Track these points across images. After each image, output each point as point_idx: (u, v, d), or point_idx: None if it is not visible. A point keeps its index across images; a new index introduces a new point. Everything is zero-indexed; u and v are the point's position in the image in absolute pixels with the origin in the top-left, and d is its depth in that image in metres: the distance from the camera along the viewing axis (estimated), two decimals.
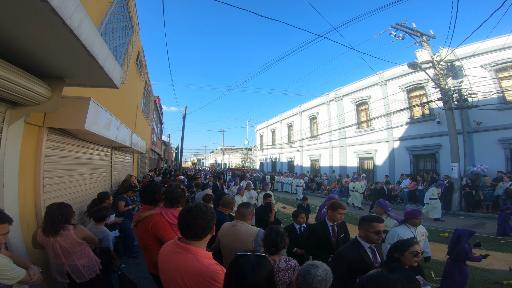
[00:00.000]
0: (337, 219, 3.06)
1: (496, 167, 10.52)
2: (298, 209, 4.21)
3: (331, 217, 3.10)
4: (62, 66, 2.31)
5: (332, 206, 3.10)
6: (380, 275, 1.11)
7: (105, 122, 4.01)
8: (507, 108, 10.90)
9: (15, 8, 1.43)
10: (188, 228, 1.52)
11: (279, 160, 28.93)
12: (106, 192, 4.33)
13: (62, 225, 2.58)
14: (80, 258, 2.70)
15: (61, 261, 2.63)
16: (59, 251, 2.59)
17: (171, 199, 2.38)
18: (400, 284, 1.05)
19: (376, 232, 2.25)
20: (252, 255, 1.35)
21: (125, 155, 8.20)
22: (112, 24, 3.85)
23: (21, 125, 2.79)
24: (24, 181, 2.89)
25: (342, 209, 3.05)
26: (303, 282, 1.49)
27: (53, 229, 2.54)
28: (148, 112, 13.58)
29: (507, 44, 10.57)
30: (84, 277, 2.69)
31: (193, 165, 58.81)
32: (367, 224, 2.31)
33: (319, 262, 1.60)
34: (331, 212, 3.08)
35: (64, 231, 2.58)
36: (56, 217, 2.56)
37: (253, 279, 1.25)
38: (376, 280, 1.10)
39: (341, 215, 3.06)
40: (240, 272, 1.27)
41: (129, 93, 7.93)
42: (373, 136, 17.05)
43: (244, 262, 1.30)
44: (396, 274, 1.09)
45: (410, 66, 11.61)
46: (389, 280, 1.07)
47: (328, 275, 1.53)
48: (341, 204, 3.12)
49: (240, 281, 1.25)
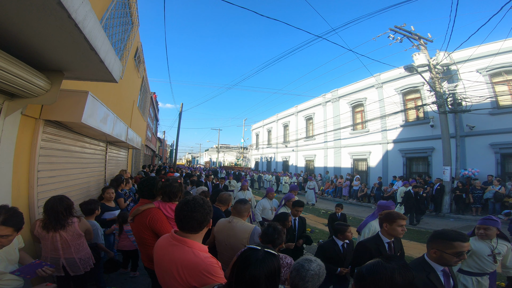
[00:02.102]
0: (397, 234, 2.50)
1: (487, 171, 10.72)
2: (342, 223, 3.45)
3: (388, 231, 2.52)
4: (63, 59, 2.30)
5: (388, 218, 2.53)
6: (378, 264, 1.16)
7: (102, 116, 3.99)
8: (499, 113, 11.11)
9: (22, 1, 1.43)
10: (185, 220, 1.53)
11: (274, 159, 29.00)
12: None
13: (67, 218, 2.60)
14: (78, 251, 2.70)
15: (58, 254, 2.61)
16: (58, 243, 2.57)
17: (169, 193, 2.39)
18: (397, 272, 1.11)
19: (458, 254, 1.77)
20: (261, 250, 1.34)
21: (120, 150, 8.15)
22: (113, 20, 3.83)
23: (17, 116, 2.77)
24: (18, 173, 2.87)
25: (402, 219, 2.49)
26: (297, 275, 1.52)
27: (59, 224, 2.54)
28: (144, 108, 13.50)
29: (503, 49, 10.76)
30: (79, 270, 2.68)
31: (187, 163, 58.56)
32: (445, 243, 1.81)
33: (313, 257, 1.64)
34: (388, 225, 2.50)
35: (68, 225, 2.59)
36: (60, 211, 2.56)
37: (254, 272, 1.24)
38: (374, 269, 1.15)
39: (402, 227, 2.48)
40: (244, 263, 1.28)
41: (126, 89, 7.89)
42: (368, 138, 17.21)
43: (250, 255, 1.31)
44: (393, 263, 1.15)
45: (406, 69, 11.74)
46: (387, 268, 1.12)
47: (321, 270, 1.56)
48: (399, 214, 2.57)
49: (241, 272, 1.26)
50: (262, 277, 1.25)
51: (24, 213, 2.99)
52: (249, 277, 1.24)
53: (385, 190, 13.29)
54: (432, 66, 11.49)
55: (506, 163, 11.06)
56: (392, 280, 1.11)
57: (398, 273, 1.11)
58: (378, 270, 1.14)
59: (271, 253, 1.34)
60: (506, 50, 10.80)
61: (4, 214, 1.80)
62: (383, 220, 2.57)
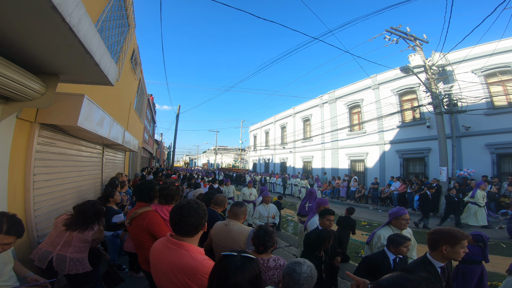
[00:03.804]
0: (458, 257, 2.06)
1: (483, 171, 10.79)
2: (399, 234, 2.77)
3: (446, 256, 2.07)
4: (58, 62, 2.29)
5: (450, 238, 2.06)
6: (402, 277, 1.07)
7: (98, 119, 3.98)
8: (495, 114, 11.20)
9: (15, 4, 1.43)
10: (180, 225, 1.54)
11: (272, 161, 29.01)
12: None
13: (92, 224, 2.69)
14: (75, 252, 2.69)
15: (54, 249, 2.63)
16: (62, 239, 2.63)
17: (166, 196, 2.40)
18: (424, 284, 1.02)
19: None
20: (238, 255, 1.32)
21: (116, 153, 8.12)
22: (109, 22, 3.83)
23: (13, 120, 2.76)
24: (14, 177, 2.86)
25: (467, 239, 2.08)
26: (290, 280, 1.51)
27: (84, 226, 2.64)
28: (141, 110, 13.46)
29: (497, 50, 10.86)
30: (64, 269, 2.66)
31: (185, 165, 58.42)
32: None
33: (302, 259, 1.63)
34: (449, 247, 2.03)
35: (89, 230, 2.68)
36: (89, 215, 2.67)
37: (235, 281, 1.23)
38: (398, 281, 1.05)
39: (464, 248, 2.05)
40: (223, 272, 1.25)
41: (122, 91, 7.87)
42: (365, 139, 17.27)
43: (228, 262, 1.29)
44: (417, 275, 1.06)
45: (402, 70, 11.81)
46: (413, 281, 1.03)
47: (313, 271, 1.56)
48: (463, 233, 2.10)
49: (222, 282, 1.24)
50: (245, 283, 1.24)
51: (21, 216, 2.98)
52: (232, 286, 1.22)
53: (383, 191, 13.36)
54: (427, 67, 11.57)
55: (502, 163, 11.15)
56: None
57: (425, 285, 1.01)
58: (403, 282, 1.04)
59: (248, 257, 1.34)
60: (501, 50, 10.90)
61: (6, 223, 1.86)
62: (440, 241, 2.08)
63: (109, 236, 4.24)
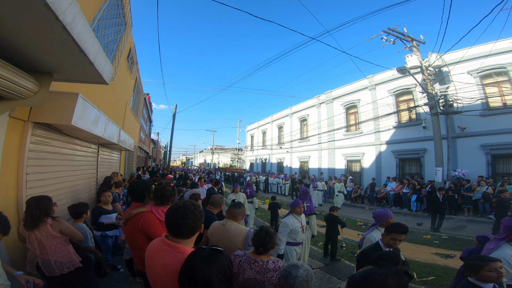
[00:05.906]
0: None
1: (478, 172, 10.87)
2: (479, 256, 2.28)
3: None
4: (51, 61, 2.26)
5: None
6: (371, 271, 1.18)
7: (93, 118, 3.94)
8: (490, 115, 11.30)
9: (8, 2, 1.40)
10: (176, 227, 1.51)
11: (269, 161, 29.03)
12: None
13: (41, 219, 2.60)
14: (54, 253, 2.67)
15: (36, 253, 2.63)
16: (34, 243, 2.59)
17: (161, 197, 2.37)
18: (390, 278, 1.13)
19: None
20: (207, 248, 1.38)
21: (112, 152, 8.05)
22: (105, 20, 3.79)
23: (5, 119, 2.72)
24: (6, 176, 2.83)
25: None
26: (285, 283, 1.50)
27: (33, 223, 2.56)
28: (137, 110, 13.37)
29: (493, 51, 10.94)
30: (54, 272, 2.65)
31: (182, 164, 58.22)
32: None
33: (300, 262, 1.62)
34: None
35: (42, 224, 2.59)
36: (34, 211, 2.58)
37: (202, 271, 1.28)
38: (367, 275, 1.17)
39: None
40: (192, 263, 1.31)
41: (118, 90, 7.80)
42: (361, 139, 17.34)
43: (196, 254, 1.34)
44: (385, 269, 1.16)
45: (399, 71, 11.84)
46: (380, 274, 1.14)
47: (309, 275, 1.54)
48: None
49: (191, 272, 1.29)
50: (213, 274, 1.29)
51: (13, 216, 2.96)
52: (201, 277, 1.27)
53: (379, 191, 13.42)
54: (424, 67, 11.64)
55: (496, 164, 11.25)
56: (386, 285, 1.13)
57: (391, 279, 1.13)
58: (372, 276, 1.16)
59: (217, 249, 1.39)
60: (497, 52, 10.99)
61: None
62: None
63: (98, 236, 4.17)
